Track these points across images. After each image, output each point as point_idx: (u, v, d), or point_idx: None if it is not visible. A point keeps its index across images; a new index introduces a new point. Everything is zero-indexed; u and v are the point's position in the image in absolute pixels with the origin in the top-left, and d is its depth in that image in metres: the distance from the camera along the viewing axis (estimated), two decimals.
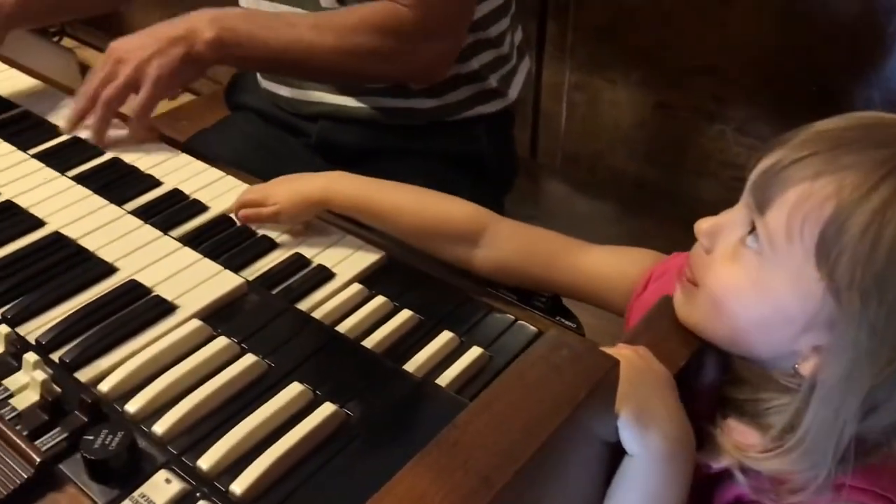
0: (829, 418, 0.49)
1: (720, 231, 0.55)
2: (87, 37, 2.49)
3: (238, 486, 0.49)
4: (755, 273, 0.53)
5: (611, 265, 0.71)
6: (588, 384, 0.46)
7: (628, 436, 0.49)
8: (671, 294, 0.60)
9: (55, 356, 0.57)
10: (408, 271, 0.71)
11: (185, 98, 1.42)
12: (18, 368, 0.54)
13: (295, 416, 0.53)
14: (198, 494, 0.48)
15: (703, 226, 0.56)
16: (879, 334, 0.48)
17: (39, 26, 1.94)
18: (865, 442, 0.50)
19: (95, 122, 0.85)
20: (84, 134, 0.86)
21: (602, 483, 0.52)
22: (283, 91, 1.06)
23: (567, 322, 0.74)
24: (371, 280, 0.70)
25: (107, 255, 0.68)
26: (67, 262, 0.66)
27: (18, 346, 0.56)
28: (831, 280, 0.49)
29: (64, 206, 0.74)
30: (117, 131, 0.87)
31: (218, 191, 0.80)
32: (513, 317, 0.66)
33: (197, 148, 0.90)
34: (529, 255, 0.72)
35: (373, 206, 0.73)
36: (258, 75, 1.09)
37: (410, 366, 0.60)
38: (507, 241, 0.73)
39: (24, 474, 0.43)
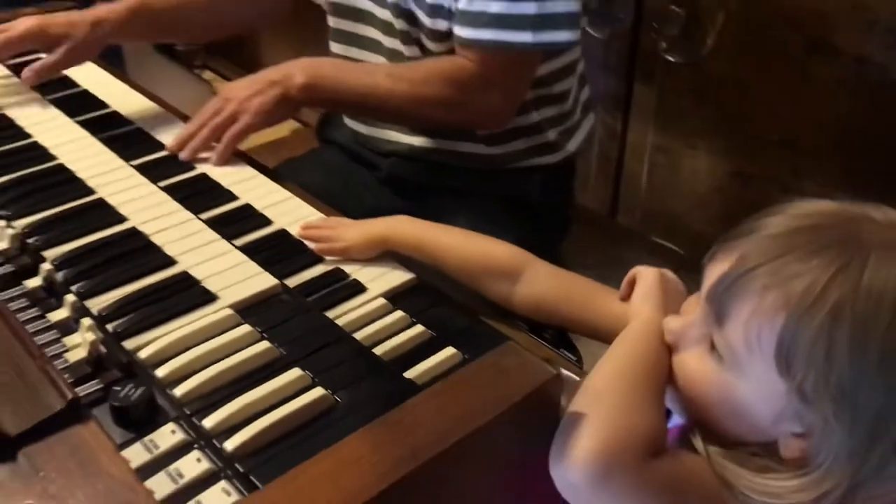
0: (814, 490, 0.52)
1: (685, 333, 0.59)
2: (225, 70, 2.73)
3: (230, 444, 0.58)
4: (720, 376, 0.56)
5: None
6: (526, 389, 0.53)
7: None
8: None
9: (109, 326, 0.68)
10: (432, 294, 0.79)
11: (286, 131, 1.57)
12: (76, 330, 0.66)
13: (290, 396, 0.62)
14: (195, 446, 0.58)
15: (670, 325, 0.61)
16: (848, 428, 0.50)
17: (140, 42, 2.12)
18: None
19: (197, 142, 0.98)
20: (183, 153, 0.99)
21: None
22: (362, 129, 1.17)
23: (568, 354, 0.80)
24: (397, 297, 0.78)
25: (171, 250, 0.79)
26: (137, 253, 0.78)
27: (81, 314, 0.68)
28: (794, 383, 0.51)
29: (146, 208, 0.86)
30: (209, 153, 1.00)
31: (284, 209, 0.90)
32: (512, 341, 0.73)
33: (285, 174, 1.02)
34: (565, 296, 0.77)
35: (427, 247, 0.81)
36: (344, 116, 1.22)
37: (411, 373, 0.67)
38: (544, 282, 0.78)
39: (56, 407, 0.54)
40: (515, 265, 0.79)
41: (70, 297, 0.69)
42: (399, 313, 0.75)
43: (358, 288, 0.78)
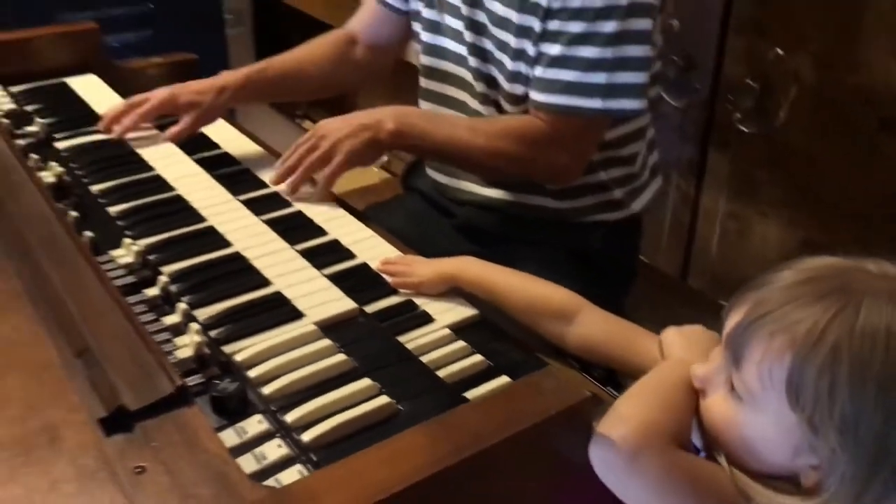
0: None
1: (711, 379, 0.67)
2: (319, 117, 2.92)
3: (306, 436, 0.68)
4: (742, 415, 0.63)
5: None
6: (561, 406, 0.61)
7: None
8: None
9: (212, 332, 0.80)
10: (492, 329, 0.88)
11: (375, 179, 1.70)
12: (185, 332, 0.78)
13: (360, 401, 0.72)
14: (277, 435, 0.68)
15: (697, 371, 0.68)
16: (852, 455, 0.57)
17: (263, 102, 2.31)
18: None
19: (296, 178, 1.11)
20: (285, 188, 1.11)
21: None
22: (442, 179, 1.29)
23: (612, 391, 0.87)
24: (460, 329, 0.87)
25: (267, 273, 0.91)
26: (239, 273, 0.90)
27: (189, 320, 0.79)
28: (804, 415, 0.59)
29: (249, 236, 0.99)
30: (307, 190, 1.12)
31: (367, 246, 1.01)
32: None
33: (371, 215, 1.13)
34: (612, 338, 0.85)
35: (490, 287, 0.90)
36: (426, 165, 1.33)
37: (467, 395, 0.76)
38: (594, 324, 0.86)
39: (167, 390, 0.65)
40: (570, 308, 0.87)
41: (181, 306, 0.81)
42: (461, 343, 0.84)
43: (426, 318, 0.88)
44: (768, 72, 1.59)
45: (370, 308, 0.88)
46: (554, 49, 1.05)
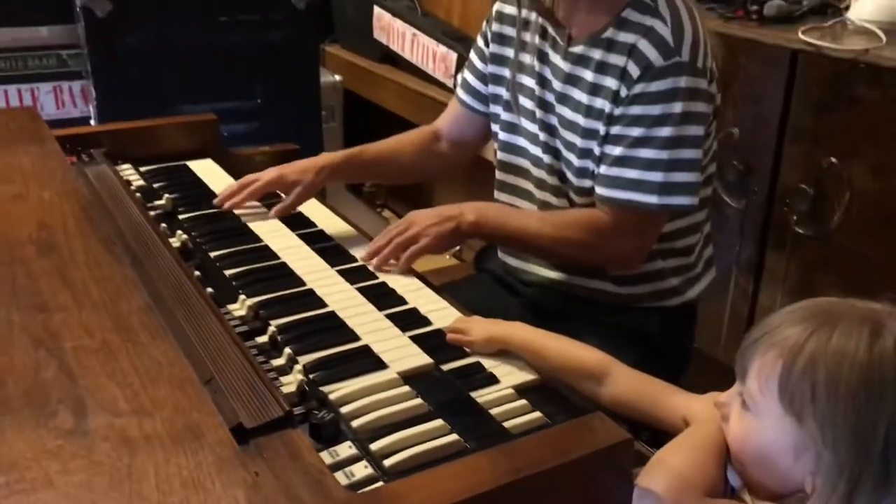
0: None
1: (729, 402, 0.81)
2: (402, 210, 3.12)
3: (387, 462, 0.81)
4: (750, 424, 0.77)
5: (703, 411, 0.94)
6: (604, 444, 0.73)
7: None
8: None
9: (312, 375, 0.94)
10: (551, 391, 1.00)
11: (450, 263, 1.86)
12: (289, 373, 0.92)
13: (432, 438, 0.84)
14: (364, 459, 0.81)
15: (718, 399, 0.82)
16: (835, 450, 0.70)
17: (356, 181, 2.53)
18: None
19: (386, 253, 1.25)
20: (374, 262, 1.26)
21: None
22: (511, 261, 1.43)
23: (652, 450, 0.97)
24: (523, 390, 0.99)
25: (358, 330, 1.05)
26: (334, 329, 1.05)
27: (293, 363, 0.94)
28: (794, 414, 0.72)
29: (343, 300, 1.13)
30: (392, 264, 1.27)
31: (441, 314, 1.15)
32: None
33: (446, 290, 1.26)
34: (641, 394, 0.97)
35: (535, 349, 1.02)
36: (498, 248, 1.48)
37: None
38: (624, 383, 0.98)
39: (277, 414, 0.79)
40: (602, 368, 0.99)
41: (286, 351, 0.96)
42: (522, 401, 0.96)
43: (493, 379, 1.00)
44: (822, 178, 1.71)
45: (445, 366, 1.01)
46: (616, 150, 1.20)
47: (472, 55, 1.46)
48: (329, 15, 3.28)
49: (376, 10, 3.00)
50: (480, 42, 1.44)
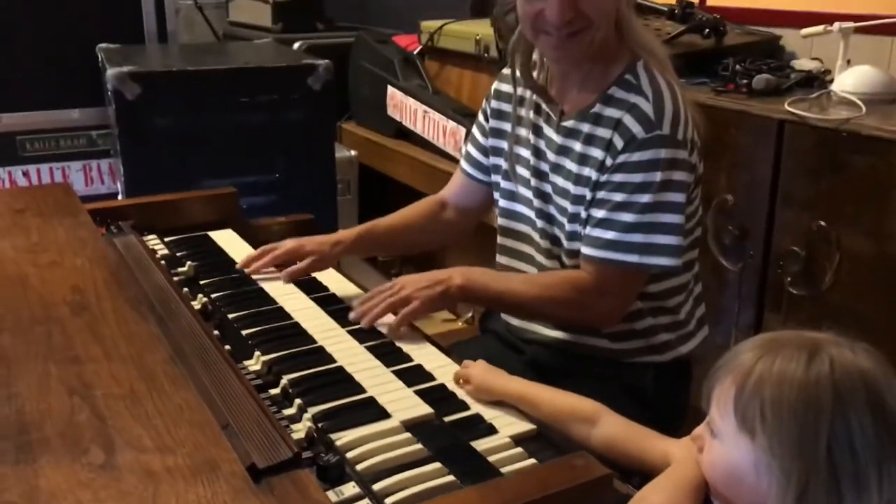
0: None
1: (701, 434, 0.88)
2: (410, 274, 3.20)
3: (388, 500, 0.87)
4: (718, 450, 0.84)
5: (681, 451, 1.00)
6: (586, 478, 0.80)
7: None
8: None
9: (320, 424, 1.01)
10: (547, 440, 1.07)
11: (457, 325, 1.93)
12: (299, 421, 1.00)
13: (430, 478, 0.91)
14: (366, 498, 0.88)
15: (694, 433, 0.90)
16: (779, 455, 0.77)
17: (370, 255, 2.64)
18: None
19: (375, 313, 1.32)
20: (364, 321, 1.33)
21: None
22: (514, 322, 1.50)
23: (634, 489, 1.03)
24: (519, 439, 1.06)
25: (364, 383, 1.13)
26: (342, 382, 1.13)
27: (303, 412, 1.02)
28: (747, 431, 0.80)
29: (351, 356, 1.21)
30: (387, 322, 1.34)
31: (445, 370, 1.23)
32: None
33: (452, 350, 1.34)
34: (629, 439, 1.04)
35: (529, 399, 1.10)
36: None
37: None
38: (614, 427, 1.05)
39: (287, 455, 0.86)
40: (593, 413, 1.07)
41: (297, 401, 1.04)
42: (519, 449, 1.03)
43: (493, 429, 1.07)
44: (812, 240, 1.79)
45: (446, 418, 1.08)
46: (600, 213, 1.29)
47: (474, 129, 1.57)
48: (345, 94, 3.45)
49: (390, 89, 3.16)
50: (481, 118, 1.55)
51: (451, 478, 0.92)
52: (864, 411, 0.76)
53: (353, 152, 3.27)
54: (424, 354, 1.27)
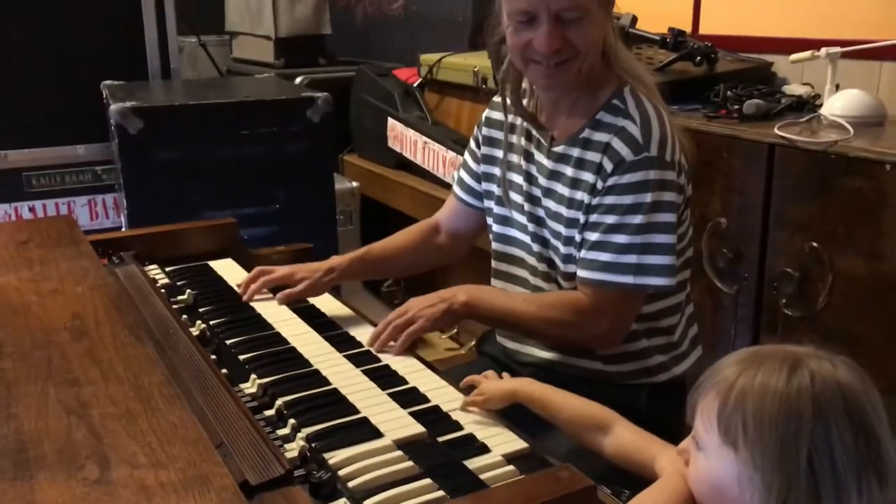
0: None
1: (687, 448, 0.89)
2: None
3: None
4: (703, 463, 0.86)
5: (671, 465, 1.02)
6: (569, 490, 0.81)
7: None
8: None
9: (314, 443, 1.03)
10: (539, 459, 1.08)
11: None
12: (293, 441, 1.02)
13: (421, 494, 0.93)
14: None
15: (680, 447, 0.92)
16: (762, 469, 0.79)
17: (364, 279, 2.68)
18: None
19: (384, 337, 1.36)
20: (374, 346, 1.37)
21: None
22: (509, 344, 1.52)
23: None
24: (512, 458, 1.07)
25: (358, 405, 1.15)
26: (336, 403, 1.14)
27: (297, 432, 1.03)
28: (730, 444, 0.81)
29: (346, 379, 1.23)
30: (391, 345, 1.37)
31: (440, 393, 1.24)
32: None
33: (448, 373, 1.35)
34: (640, 449, 1.05)
35: (545, 403, 1.13)
36: (497, 334, 1.57)
37: None
38: (626, 436, 1.07)
39: (278, 473, 0.88)
40: (606, 421, 1.10)
41: (291, 422, 1.06)
42: (510, 467, 1.04)
43: (485, 448, 1.08)
44: (805, 262, 1.80)
45: (439, 438, 1.09)
46: (594, 236, 1.31)
47: (467, 156, 1.60)
48: (347, 127, 3.50)
49: (390, 121, 3.21)
50: (473, 145, 1.59)
51: (441, 493, 0.93)
52: (844, 422, 0.78)
53: (354, 183, 3.31)
54: (420, 377, 1.29)
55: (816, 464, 0.77)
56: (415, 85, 3.23)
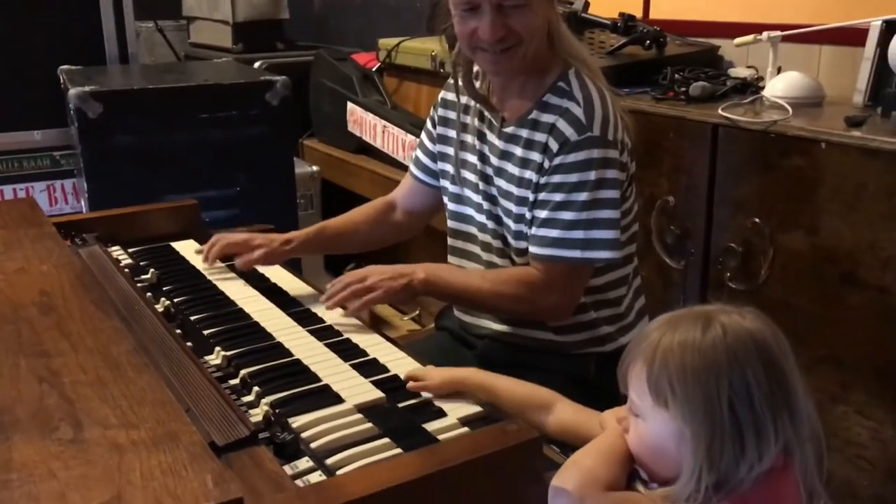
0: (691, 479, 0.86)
1: (625, 416, 0.95)
2: None
3: (339, 472, 0.94)
4: (640, 428, 0.92)
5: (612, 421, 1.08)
6: (516, 441, 0.87)
7: None
8: None
9: (278, 409, 1.08)
10: (493, 421, 1.14)
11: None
12: (257, 406, 1.07)
13: (380, 452, 0.99)
14: (318, 471, 0.95)
15: (618, 415, 0.98)
16: (691, 422, 0.85)
17: (321, 254, 2.73)
18: (731, 482, 0.85)
19: (339, 297, 1.40)
20: (328, 303, 1.41)
21: None
22: (465, 318, 1.58)
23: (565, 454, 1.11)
24: (467, 421, 1.13)
25: (320, 373, 1.20)
26: (298, 373, 1.20)
27: (261, 398, 1.09)
28: (661, 404, 0.88)
29: (308, 351, 1.28)
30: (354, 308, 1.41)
31: (400, 363, 1.29)
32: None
33: (409, 346, 1.40)
34: (580, 423, 1.11)
35: (490, 389, 1.17)
36: (454, 308, 1.63)
37: None
38: (566, 413, 1.13)
39: (244, 433, 0.93)
40: (548, 401, 1.15)
41: (255, 389, 1.11)
42: (465, 429, 1.10)
43: (441, 413, 1.14)
44: (748, 237, 1.89)
45: (399, 404, 1.15)
46: (542, 214, 1.38)
47: (423, 136, 1.66)
48: (307, 112, 3.53)
49: (349, 105, 3.24)
50: (429, 125, 1.64)
51: (398, 450, 0.99)
52: (757, 365, 0.85)
53: (314, 168, 3.34)
54: (380, 349, 1.34)
55: (738, 407, 0.84)
56: (373, 69, 3.27)
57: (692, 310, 0.91)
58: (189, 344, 1.22)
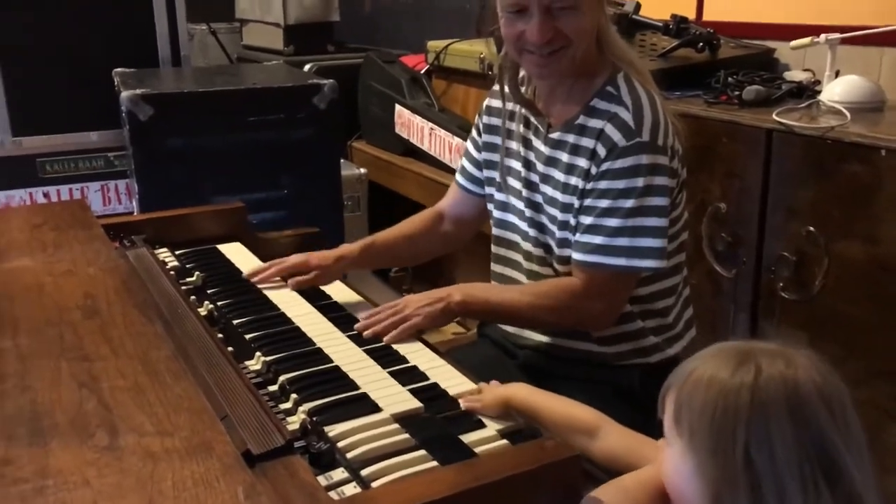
0: None
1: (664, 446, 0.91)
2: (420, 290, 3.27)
3: (375, 484, 0.93)
4: (671, 459, 0.87)
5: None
6: (554, 458, 0.85)
7: None
8: None
9: (315, 417, 1.08)
10: (533, 434, 1.12)
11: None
12: (294, 414, 1.06)
13: (416, 464, 0.97)
14: (354, 482, 0.94)
15: (658, 443, 0.94)
16: (696, 458, 0.82)
17: (373, 268, 2.73)
18: None
19: (378, 328, 1.37)
20: (367, 333, 1.39)
21: None
22: (509, 329, 1.56)
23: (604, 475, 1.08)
24: (506, 433, 1.11)
25: (359, 381, 1.19)
26: (337, 380, 1.19)
27: (298, 406, 1.08)
28: (684, 438, 0.84)
29: (348, 358, 1.28)
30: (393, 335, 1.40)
31: (439, 372, 1.28)
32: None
33: (450, 354, 1.39)
34: (629, 450, 1.06)
35: (534, 408, 1.13)
36: None
37: None
38: (616, 439, 1.07)
39: (279, 443, 0.92)
40: (594, 424, 1.09)
41: (293, 397, 1.11)
42: (504, 442, 1.08)
43: (480, 424, 1.12)
44: (802, 246, 1.83)
45: (437, 414, 1.13)
46: (587, 220, 1.35)
47: (468, 144, 1.64)
48: (355, 114, 3.54)
49: (397, 108, 3.25)
50: (474, 133, 1.62)
51: (434, 463, 0.97)
52: (785, 418, 0.78)
53: (362, 170, 3.35)
54: (420, 356, 1.33)
55: (755, 456, 0.78)
56: (422, 72, 3.27)
57: (740, 344, 0.86)
58: (230, 349, 1.22)
